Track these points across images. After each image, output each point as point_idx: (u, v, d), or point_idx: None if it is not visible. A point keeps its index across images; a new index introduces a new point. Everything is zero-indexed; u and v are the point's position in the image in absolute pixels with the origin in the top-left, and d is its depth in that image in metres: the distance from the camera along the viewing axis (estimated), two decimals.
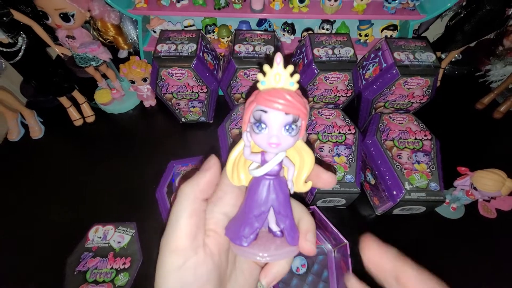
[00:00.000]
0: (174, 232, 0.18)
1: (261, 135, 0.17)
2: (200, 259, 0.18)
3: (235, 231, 0.19)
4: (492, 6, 0.58)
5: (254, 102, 0.17)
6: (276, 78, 0.17)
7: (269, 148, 0.17)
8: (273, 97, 0.16)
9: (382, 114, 0.58)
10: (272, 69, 0.17)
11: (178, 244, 0.17)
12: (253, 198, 0.18)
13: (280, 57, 0.17)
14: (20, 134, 0.68)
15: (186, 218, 0.18)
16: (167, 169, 0.59)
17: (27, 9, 0.57)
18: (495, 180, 0.46)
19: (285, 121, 0.17)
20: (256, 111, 0.17)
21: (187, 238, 0.17)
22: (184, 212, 0.18)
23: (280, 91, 0.17)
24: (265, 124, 0.17)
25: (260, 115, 0.17)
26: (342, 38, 0.57)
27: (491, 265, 0.50)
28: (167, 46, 0.56)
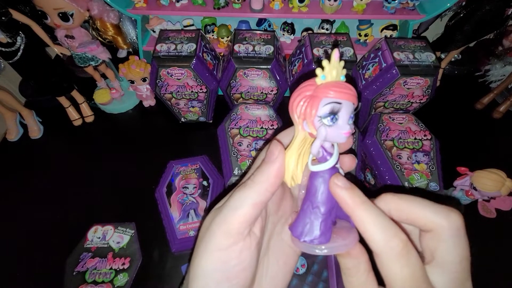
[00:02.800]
0: (233, 215, 0.18)
1: (334, 127, 0.17)
2: (247, 244, 0.18)
3: (310, 231, 0.18)
4: (492, 6, 0.58)
5: (320, 95, 0.17)
6: (334, 73, 0.18)
7: (343, 138, 0.18)
8: (344, 88, 0.17)
9: (381, 114, 0.58)
10: (331, 64, 0.17)
11: (234, 227, 0.18)
12: (324, 192, 0.18)
13: (338, 53, 0.17)
14: (19, 134, 0.68)
15: (250, 207, 0.18)
16: (167, 169, 0.59)
17: (26, 9, 0.57)
18: (494, 180, 0.46)
19: (351, 111, 0.18)
20: (330, 104, 0.17)
21: (245, 225, 0.18)
22: (251, 200, 0.18)
23: (345, 84, 0.17)
24: (338, 115, 0.17)
25: (335, 108, 0.17)
26: (342, 37, 0.57)
27: (491, 265, 0.50)
28: (166, 45, 0.56)
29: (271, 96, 0.59)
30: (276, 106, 0.62)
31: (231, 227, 0.18)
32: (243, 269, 0.18)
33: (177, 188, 0.56)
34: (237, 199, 0.18)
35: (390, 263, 0.16)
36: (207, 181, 0.57)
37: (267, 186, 0.18)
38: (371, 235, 0.16)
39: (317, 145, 0.18)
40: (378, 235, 0.16)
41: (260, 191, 0.18)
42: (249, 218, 0.18)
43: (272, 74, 0.55)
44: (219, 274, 0.18)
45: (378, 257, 0.16)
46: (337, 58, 0.17)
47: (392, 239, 0.16)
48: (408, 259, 0.16)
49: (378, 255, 0.16)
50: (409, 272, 0.16)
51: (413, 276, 0.16)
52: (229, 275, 0.18)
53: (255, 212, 0.18)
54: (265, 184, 0.18)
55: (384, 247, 0.16)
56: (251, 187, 0.18)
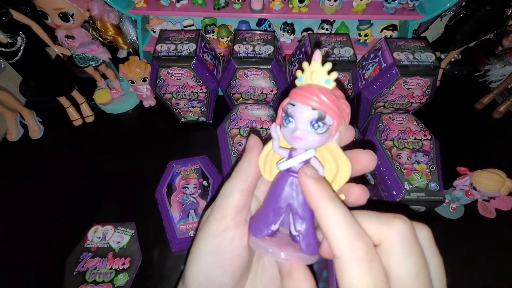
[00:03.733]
0: (224, 203, 0.19)
1: (287, 128, 0.17)
2: (238, 233, 0.19)
3: (252, 223, 0.20)
4: (492, 6, 0.58)
5: (288, 97, 0.18)
6: (312, 75, 0.17)
7: (292, 141, 0.17)
8: (302, 91, 0.17)
9: (381, 114, 0.58)
10: (310, 65, 0.17)
11: (224, 213, 0.19)
12: (274, 192, 0.19)
13: (319, 54, 0.16)
14: (19, 134, 0.68)
15: (239, 194, 0.19)
16: (167, 169, 0.59)
17: (26, 9, 0.57)
18: (494, 180, 0.46)
19: (311, 117, 0.16)
20: (286, 105, 0.17)
21: (233, 210, 0.19)
22: (238, 187, 0.19)
23: (312, 87, 0.16)
24: (292, 117, 0.17)
25: (287, 109, 0.17)
26: (342, 38, 0.57)
27: (490, 265, 0.50)
28: (166, 46, 0.56)
29: (271, 96, 0.59)
30: (276, 106, 0.62)
31: (222, 213, 0.19)
32: (234, 257, 0.19)
33: (177, 188, 0.56)
34: (226, 188, 0.20)
35: (350, 268, 0.14)
36: (207, 181, 0.57)
37: (249, 173, 0.20)
38: (333, 233, 0.15)
39: (273, 144, 0.19)
40: (341, 234, 0.14)
41: (244, 179, 0.20)
42: (238, 204, 0.19)
43: (272, 74, 0.55)
44: (211, 258, 0.19)
45: (337, 260, 0.14)
46: (317, 59, 0.16)
47: (356, 240, 0.14)
48: (371, 266, 0.14)
49: (338, 257, 0.14)
50: (370, 280, 0.14)
51: (374, 286, 0.14)
52: (220, 261, 0.19)
53: (243, 198, 0.19)
54: (247, 171, 0.20)
55: (346, 248, 0.14)
56: (236, 176, 0.20)
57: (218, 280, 0.19)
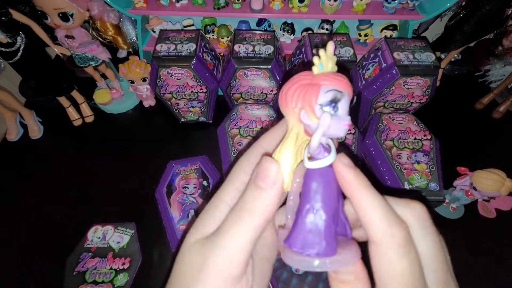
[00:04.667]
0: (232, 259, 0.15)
1: (335, 117, 0.16)
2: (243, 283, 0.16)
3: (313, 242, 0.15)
4: (492, 6, 0.58)
5: (318, 83, 0.16)
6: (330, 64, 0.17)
7: (343, 131, 0.16)
8: (342, 78, 0.16)
9: (381, 114, 0.58)
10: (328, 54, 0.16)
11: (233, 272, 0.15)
12: (325, 193, 0.16)
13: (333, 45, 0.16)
14: (19, 134, 0.68)
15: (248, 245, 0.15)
16: (166, 169, 0.59)
17: (26, 9, 0.57)
18: (494, 180, 0.46)
19: (349, 102, 0.16)
20: (331, 91, 0.16)
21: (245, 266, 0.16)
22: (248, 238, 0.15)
23: (342, 75, 0.16)
24: (338, 105, 0.16)
25: (336, 95, 0.16)
26: (342, 38, 0.57)
27: (490, 265, 0.50)
28: (166, 45, 0.56)
29: (271, 96, 0.59)
30: (276, 106, 0.62)
31: (230, 272, 0.15)
32: None
33: (177, 188, 0.56)
34: (232, 236, 0.15)
35: (388, 253, 0.14)
36: (207, 181, 0.57)
37: (265, 217, 0.16)
38: (372, 219, 0.15)
39: (318, 137, 0.16)
40: (380, 220, 0.15)
41: (257, 227, 0.15)
42: (248, 256, 0.15)
43: (272, 74, 0.55)
44: None
45: (375, 245, 0.15)
46: (333, 50, 0.16)
47: (394, 226, 0.15)
48: (409, 251, 0.15)
49: (376, 242, 0.15)
50: (408, 264, 0.14)
51: (411, 269, 0.14)
52: None
53: (252, 247, 0.16)
54: (263, 216, 0.15)
55: (385, 234, 0.15)
56: (246, 222, 0.15)
57: None
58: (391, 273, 0.14)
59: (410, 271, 0.14)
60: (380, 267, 0.15)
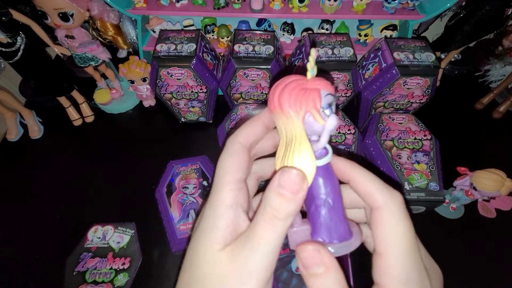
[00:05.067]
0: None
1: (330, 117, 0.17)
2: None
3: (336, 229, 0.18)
4: (492, 6, 0.58)
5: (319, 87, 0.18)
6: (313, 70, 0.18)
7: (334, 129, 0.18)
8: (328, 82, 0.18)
9: (381, 114, 0.58)
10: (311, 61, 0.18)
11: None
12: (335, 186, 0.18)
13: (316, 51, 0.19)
14: (19, 134, 0.68)
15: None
16: (166, 169, 0.59)
17: (26, 9, 0.57)
18: (494, 180, 0.46)
19: None
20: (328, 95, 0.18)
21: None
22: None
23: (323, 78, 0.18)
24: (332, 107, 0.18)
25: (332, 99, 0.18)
26: (342, 38, 0.57)
27: (491, 265, 0.50)
28: (166, 46, 0.56)
29: None
30: None
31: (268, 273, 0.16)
32: None
33: (177, 188, 0.56)
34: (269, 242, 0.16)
35: (392, 215, 0.17)
36: (207, 181, 0.57)
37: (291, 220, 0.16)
38: (373, 188, 0.17)
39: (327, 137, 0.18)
40: (380, 187, 0.17)
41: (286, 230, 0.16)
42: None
43: (272, 74, 0.55)
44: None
45: (378, 210, 0.17)
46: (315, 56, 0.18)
47: (393, 190, 0.17)
48: (407, 213, 0.17)
49: (380, 207, 0.17)
50: (410, 224, 0.17)
51: (411, 227, 0.17)
52: None
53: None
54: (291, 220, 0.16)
55: (388, 198, 0.17)
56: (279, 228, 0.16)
57: None
58: (396, 231, 0.16)
59: (411, 229, 0.17)
60: (384, 228, 0.17)
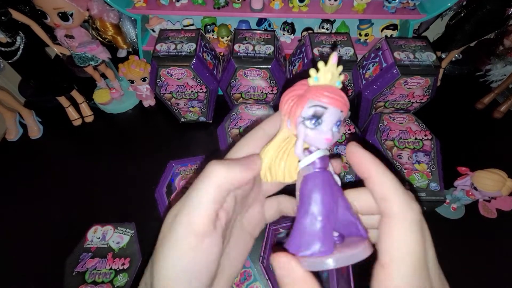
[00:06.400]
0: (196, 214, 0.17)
1: (315, 130, 0.17)
2: (214, 240, 0.17)
3: (308, 242, 0.16)
4: (492, 6, 0.58)
5: (307, 97, 0.17)
6: (328, 76, 0.17)
7: (323, 143, 0.17)
8: (332, 93, 0.17)
9: (382, 114, 0.58)
10: (327, 67, 0.17)
11: (199, 228, 0.17)
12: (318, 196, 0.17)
13: (336, 57, 0.17)
14: (19, 134, 0.68)
15: (210, 203, 0.17)
16: (166, 169, 0.59)
17: (25, 8, 0.57)
18: (495, 180, 0.46)
19: (338, 118, 0.17)
20: (314, 107, 0.17)
21: (209, 223, 0.17)
22: (209, 196, 0.17)
23: (335, 89, 0.17)
24: (322, 120, 0.17)
25: (319, 111, 0.17)
26: (342, 37, 0.57)
27: (491, 265, 0.50)
28: (166, 45, 0.56)
29: (271, 96, 0.59)
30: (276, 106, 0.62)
31: (197, 227, 0.17)
32: (210, 263, 0.18)
33: (177, 188, 0.56)
34: (196, 192, 0.17)
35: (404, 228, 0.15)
36: None
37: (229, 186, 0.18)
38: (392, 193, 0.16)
39: (298, 145, 0.18)
40: (400, 195, 0.16)
41: (221, 188, 0.17)
42: (212, 214, 0.17)
43: (272, 74, 0.55)
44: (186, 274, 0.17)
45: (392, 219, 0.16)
46: (335, 61, 0.17)
47: (413, 202, 0.16)
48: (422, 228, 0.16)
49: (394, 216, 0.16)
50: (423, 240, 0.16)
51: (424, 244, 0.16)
52: (197, 274, 0.17)
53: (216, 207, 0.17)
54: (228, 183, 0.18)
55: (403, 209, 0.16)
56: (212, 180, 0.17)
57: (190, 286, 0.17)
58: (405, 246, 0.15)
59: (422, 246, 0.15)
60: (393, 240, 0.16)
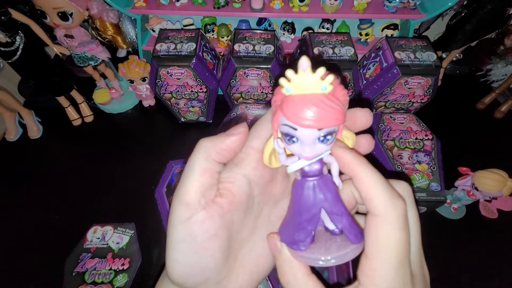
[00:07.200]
0: (185, 185, 0.18)
1: (293, 145, 0.16)
2: (208, 214, 0.18)
3: (289, 236, 0.18)
4: (493, 5, 0.58)
5: (280, 111, 0.15)
6: (303, 86, 0.14)
7: (303, 158, 0.17)
8: (301, 112, 0.14)
9: (382, 113, 0.58)
10: (297, 75, 0.14)
11: (188, 198, 0.18)
12: (300, 202, 0.18)
13: (306, 62, 0.14)
14: (18, 134, 0.67)
15: (198, 174, 0.18)
16: (166, 169, 0.58)
17: (25, 8, 0.56)
18: (496, 180, 0.45)
19: (318, 135, 0.15)
20: (284, 126, 0.15)
21: (196, 194, 0.18)
22: (196, 168, 0.18)
23: (309, 103, 0.14)
24: (297, 138, 0.16)
25: (289, 132, 0.15)
26: (343, 37, 0.57)
27: (492, 265, 0.49)
28: (166, 45, 0.56)
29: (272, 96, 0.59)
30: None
31: (185, 198, 0.18)
32: (207, 239, 0.18)
33: None
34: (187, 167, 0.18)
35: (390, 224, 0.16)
36: None
37: (211, 154, 0.18)
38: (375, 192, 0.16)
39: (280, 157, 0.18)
40: (383, 193, 0.16)
41: (204, 158, 0.18)
42: (200, 185, 0.18)
43: (272, 74, 0.55)
44: (184, 246, 0.18)
45: (376, 217, 0.16)
46: (305, 68, 0.14)
47: (397, 199, 0.16)
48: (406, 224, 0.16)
49: (378, 214, 0.16)
50: (406, 236, 0.16)
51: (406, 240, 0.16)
52: (195, 247, 0.18)
53: (204, 179, 0.18)
54: (209, 152, 0.18)
55: (388, 205, 0.16)
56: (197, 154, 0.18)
57: (198, 266, 0.18)
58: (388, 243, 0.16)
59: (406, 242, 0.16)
60: (378, 237, 0.16)
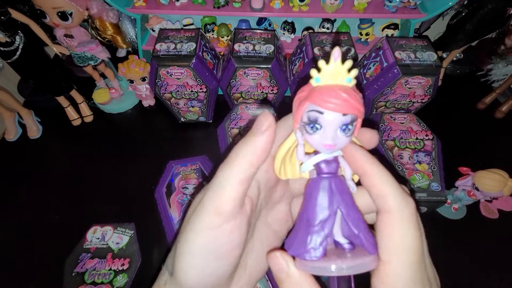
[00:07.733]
0: (221, 194, 0.17)
1: (314, 135, 0.16)
2: (236, 224, 0.17)
3: (300, 245, 0.16)
4: (494, 5, 0.58)
5: (307, 100, 0.16)
6: (332, 76, 0.16)
7: (323, 149, 0.16)
8: (329, 96, 0.15)
9: (383, 113, 0.58)
10: (329, 65, 0.15)
11: (223, 207, 0.17)
12: (316, 201, 0.17)
13: (338, 52, 0.15)
14: (18, 134, 0.67)
15: (238, 184, 0.17)
16: (166, 169, 0.58)
17: (24, 8, 0.56)
18: (497, 180, 0.45)
19: (342, 122, 0.16)
20: (311, 111, 0.16)
21: (234, 205, 0.17)
22: (237, 176, 0.17)
23: (336, 89, 0.15)
24: (320, 125, 0.16)
25: (314, 116, 0.16)
26: (343, 37, 0.56)
27: (493, 265, 0.49)
28: (166, 45, 0.55)
29: (272, 95, 0.59)
30: (277, 106, 0.62)
31: (221, 207, 0.17)
32: (232, 249, 0.17)
33: (177, 188, 0.56)
34: (223, 176, 0.17)
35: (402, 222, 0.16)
36: (207, 181, 0.56)
37: (252, 161, 0.17)
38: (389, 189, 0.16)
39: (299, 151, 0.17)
40: (395, 191, 0.16)
41: (245, 166, 0.17)
42: (238, 196, 0.17)
43: (272, 74, 0.54)
44: (207, 253, 0.17)
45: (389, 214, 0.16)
46: (337, 58, 0.15)
47: (408, 197, 0.16)
48: (419, 222, 0.16)
49: (391, 212, 0.16)
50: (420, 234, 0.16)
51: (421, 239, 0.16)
52: (217, 255, 0.17)
53: (243, 188, 0.17)
54: (250, 158, 0.17)
55: (400, 204, 0.16)
56: (235, 161, 0.17)
57: (215, 273, 0.18)
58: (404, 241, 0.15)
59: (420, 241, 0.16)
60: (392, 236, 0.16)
